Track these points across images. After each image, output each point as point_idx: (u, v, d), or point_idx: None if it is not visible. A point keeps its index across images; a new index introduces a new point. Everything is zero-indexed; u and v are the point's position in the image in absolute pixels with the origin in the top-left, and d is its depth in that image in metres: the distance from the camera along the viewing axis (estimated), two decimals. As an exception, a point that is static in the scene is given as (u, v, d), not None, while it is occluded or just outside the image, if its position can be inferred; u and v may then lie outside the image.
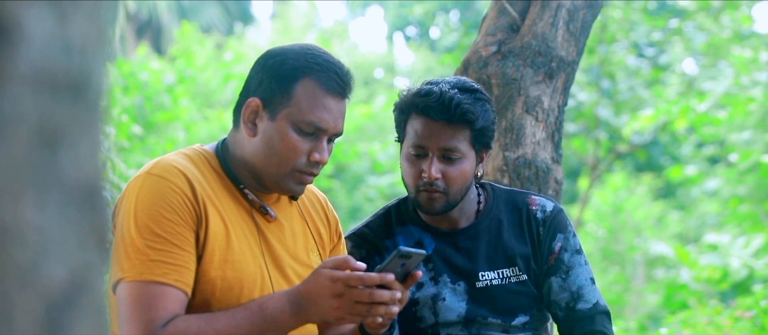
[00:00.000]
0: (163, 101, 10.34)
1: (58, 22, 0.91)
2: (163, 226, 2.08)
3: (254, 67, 2.25)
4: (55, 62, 0.90)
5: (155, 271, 2.07)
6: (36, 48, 0.89)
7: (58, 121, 0.90)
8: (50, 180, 0.90)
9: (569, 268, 2.55)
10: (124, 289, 2.07)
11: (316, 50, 2.24)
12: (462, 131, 2.44)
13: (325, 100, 2.18)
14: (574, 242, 2.57)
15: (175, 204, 2.10)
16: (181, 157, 2.21)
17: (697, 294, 9.51)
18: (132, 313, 2.05)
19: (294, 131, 2.17)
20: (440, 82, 2.49)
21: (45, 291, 0.89)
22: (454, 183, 2.46)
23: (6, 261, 0.87)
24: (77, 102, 0.92)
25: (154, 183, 2.11)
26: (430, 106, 2.43)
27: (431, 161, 2.44)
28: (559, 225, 2.57)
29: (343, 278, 2.05)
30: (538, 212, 2.58)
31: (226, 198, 2.21)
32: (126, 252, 2.08)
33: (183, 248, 2.10)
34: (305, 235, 2.35)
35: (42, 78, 0.89)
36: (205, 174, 2.20)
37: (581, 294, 2.55)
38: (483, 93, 2.51)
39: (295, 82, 2.17)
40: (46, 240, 0.89)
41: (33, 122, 0.89)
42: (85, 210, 0.93)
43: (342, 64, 2.24)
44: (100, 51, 0.94)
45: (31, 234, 0.88)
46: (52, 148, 0.90)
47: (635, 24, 9.91)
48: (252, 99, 2.20)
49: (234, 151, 2.24)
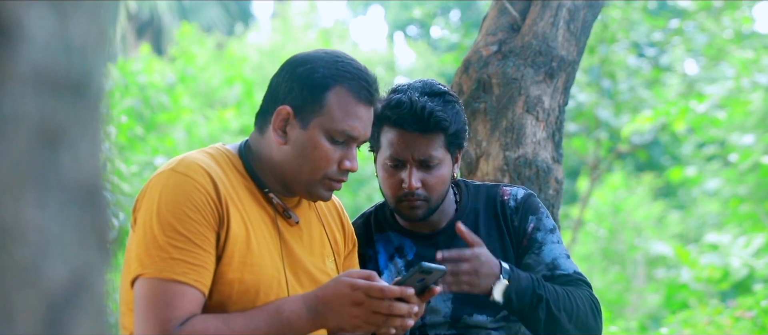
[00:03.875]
0: (162, 101, 10.33)
1: (59, 22, 0.91)
2: (185, 225, 2.08)
3: (281, 74, 2.24)
4: (56, 62, 0.90)
5: (175, 270, 2.07)
6: (36, 48, 0.89)
7: (59, 121, 0.90)
8: (51, 180, 0.90)
9: (542, 244, 2.55)
10: (143, 285, 2.07)
11: (345, 58, 2.24)
12: (437, 138, 2.44)
13: (356, 108, 2.19)
14: (546, 222, 2.57)
15: (199, 204, 2.10)
16: (205, 155, 2.20)
17: (698, 294, 9.52)
18: (149, 310, 2.06)
19: (326, 139, 2.18)
20: (408, 89, 2.48)
21: (45, 290, 0.89)
22: (434, 190, 2.47)
23: (6, 261, 0.87)
24: (78, 102, 0.92)
25: (179, 180, 2.11)
26: (403, 118, 2.42)
27: (410, 171, 2.44)
28: (531, 208, 2.58)
29: (364, 287, 2.07)
30: (511, 201, 2.59)
31: (249, 200, 2.21)
32: (147, 248, 2.08)
33: (204, 248, 2.10)
34: (322, 241, 2.36)
35: (42, 78, 0.89)
36: (228, 174, 2.20)
37: (557, 264, 2.54)
38: (451, 93, 2.50)
39: (327, 90, 2.18)
40: (46, 239, 0.89)
41: (33, 122, 0.89)
42: (86, 209, 0.93)
43: (369, 71, 2.24)
44: (101, 51, 0.94)
45: (31, 233, 0.88)
46: (52, 148, 0.90)
47: (635, 24, 9.90)
48: (282, 107, 2.19)
49: (259, 154, 2.24)
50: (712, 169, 12.22)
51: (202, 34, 15.43)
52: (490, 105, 3.26)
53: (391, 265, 2.59)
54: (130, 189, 7.36)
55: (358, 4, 20.20)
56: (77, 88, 0.92)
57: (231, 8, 20.98)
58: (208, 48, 13.86)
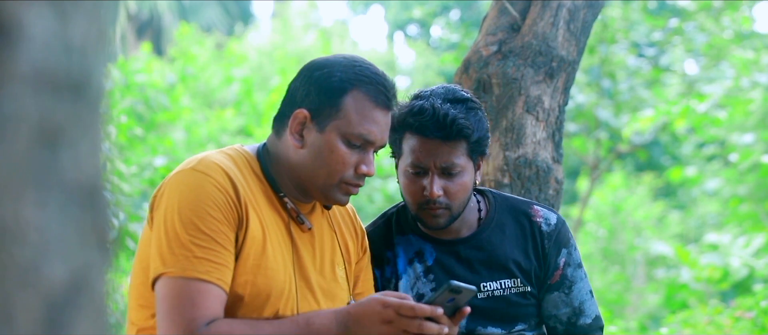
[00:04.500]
0: (161, 101, 10.33)
1: (59, 22, 0.90)
2: (207, 224, 2.08)
3: (299, 78, 2.25)
4: (56, 62, 0.90)
5: (199, 268, 2.06)
6: (36, 48, 0.89)
7: (59, 121, 0.90)
8: (51, 180, 0.90)
9: (572, 283, 2.57)
10: (166, 285, 2.07)
11: (363, 62, 2.24)
12: (459, 146, 2.42)
13: (373, 112, 2.19)
14: (575, 256, 2.59)
15: (220, 203, 2.10)
16: (225, 157, 2.20)
17: (698, 294, 9.52)
18: (174, 310, 2.05)
19: (343, 143, 2.18)
20: (430, 95, 2.45)
21: (45, 290, 0.89)
22: (456, 198, 2.45)
23: (6, 261, 0.87)
24: (77, 102, 0.92)
25: (200, 179, 2.11)
26: (425, 125, 2.40)
27: (432, 179, 2.42)
28: (563, 240, 2.57)
29: (395, 305, 2.07)
30: (543, 225, 2.57)
31: (265, 203, 2.21)
32: (169, 246, 2.08)
33: (225, 247, 2.10)
34: (333, 248, 2.35)
35: (42, 78, 0.89)
36: (246, 177, 2.20)
37: (582, 309, 2.57)
38: (474, 100, 2.48)
39: (344, 94, 2.18)
40: (46, 239, 0.89)
41: (33, 122, 0.89)
42: (86, 209, 0.93)
43: (387, 76, 2.24)
44: (101, 51, 0.94)
45: (31, 233, 0.88)
46: (52, 148, 0.90)
47: (635, 24, 9.90)
48: (299, 110, 2.20)
49: (276, 158, 2.24)
50: (712, 169, 12.22)
51: (202, 34, 15.43)
52: (490, 105, 3.26)
53: (410, 270, 2.56)
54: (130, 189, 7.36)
55: (358, 3, 20.19)
56: (77, 88, 0.92)
57: (231, 8, 20.97)
58: (208, 48, 13.85)
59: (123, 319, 5.51)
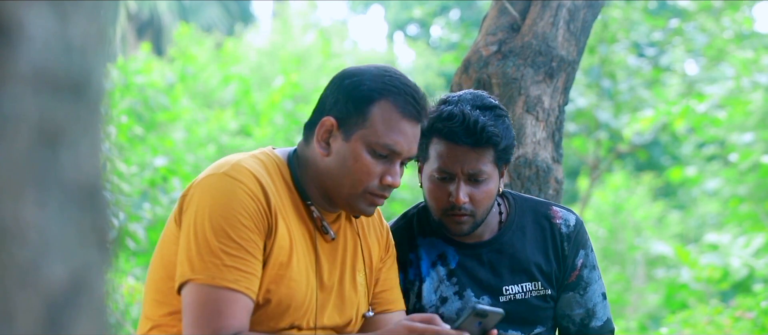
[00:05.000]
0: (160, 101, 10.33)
1: (59, 22, 0.90)
2: (238, 232, 2.07)
3: (330, 86, 2.24)
4: (56, 62, 0.90)
5: (228, 277, 2.05)
6: (36, 48, 0.89)
7: (59, 121, 0.90)
8: (50, 180, 0.90)
9: (587, 285, 2.58)
10: (194, 291, 2.06)
11: (393, 72, 2.22)
12: (487, 153, 2.41)
13: (400, 123, 2.17)
14: (592, 257, 2.60)
15: (251, 211, 2.09)
16: (256, 162, 2.19)
17: (698, 294, 9.52)
18: (201, 318, 2.05)
19: (368, 153, 2.17)
20: (459, 100, 2.44)
21: (45, 290, 0.89)
22: (480, 205, 2.44)
23: (6, 261, 0.87)
24: (77, 102, 0.92)
25: (232, 186, 2.10)
26: (454, 131, 2.38)
27: (458, 185, 2.41)
28: (582, 241, 2.59)
29: (421, 330, 2.06)
30: (563, 226, 2.58)
31: (293, 212, 2.20)
32: (199, 252, 2.07)
33: (255, 256, 2.10)
34: (356, 255, 2.34)
35: (42, 78, 0.89)
36: (276, 184, 2.19)
37: (595, 311, 2.59)
38: (501, 108, 2.47)
39: (372, 103, 2.17)
40: (46, 239, 0.89)
41: (33, 122, 0.89)
42: (86, 209, 0.93)
43: (418, 88, 2.22)
44: (101, 51, 0.94)
45: (31, 233, 0.88)
46: (52, 148, 0.90)
47: (635, 24, 9.90)
48: (327, 118, 2.19)
49: (305, 165, 2.23)
50: (712, 169, 12.22)
51: (202, 34, 15.42)
52: (490, 105, 3.26)
53: (433, 273, 2.55)
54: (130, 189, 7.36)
55: (358, 3, 20.19)
56: (77, 88, 0.92)
57: (231, 8, 20.97)
58: (207, 48, 13.85)
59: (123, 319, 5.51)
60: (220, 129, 11.40)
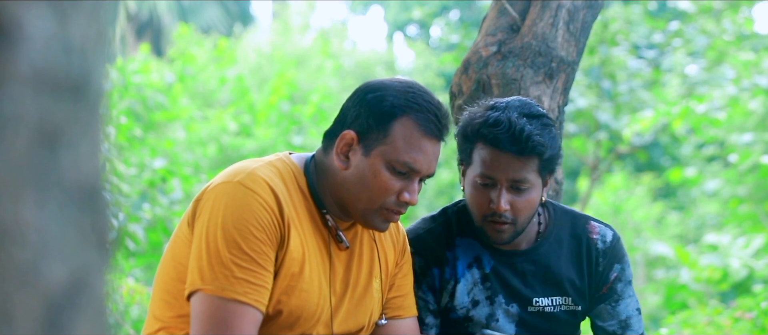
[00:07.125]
0: (159, 101, 10.33)
1: (59, 22, 0.90)
2: (250, 244, 2.07)
3: (352, 99, 2.23)
4: (55, 62, 0.90)
5: (237, 289, 2.05)
6: (36, 48, 0.89)
7: (58, 121, 0.90)
8: (50, 180, 0.90)
9: (619, 298, 2.58)
10: (202, 301, 2.06)
11: (417, 88, 2.20)
12: (531, 162, 2.38)
13: (421, 141, 2.16)
14: (628, 273, 2.60)
15: (264, 222, 2.08)
16: (271, 170, 2.17)
17: (697, 295, 9.52)
18: (208, 329, 2.04)
19: (387, 169, 2.15)
20: (506, 107, 2.40)
21: (45, 291, 0.89)
22: (521, 214, 2.41)
23: (6, 261, 0.87)
24: (77, 102, 0.92)
25: (245, 195, 2.09)
26: (500, 138, 2.35)
27: (500, 192, 2.38)
28: (618, 256, 2.58)
29: None
30: (599, 242, 2.57)
31: (307, 221, 2.19)
32: (210, 262, 2.06)
33: (266, 268, 2.09)
34: (371, 261, 2.33)
35: (42, 78, 0.89)
36: (291, 192, 2.18)
37: (629, 324, 2.59)
38: (548, 117, 2.45)
39: (393, 120, 2.15)
40: (46, 240, 0.89)
41: (33, 122, 0.89)
42: (85, 210, 0.93)
43: (441, 105, 2.21)
44: (101, 51, 0.94)
45: (31, 234, 0.88)
46: (52, 148, 0.90)
47: (635, 25, 9.90)
48: (347, 131, 2.18)
49: (323, 173, 2.22)
50: (712, 170, 12.22)
51: (201, 34, 15.41)
52: (489, 105, 3.26)
53: (468, 274, 2.54)
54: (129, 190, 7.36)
55: (358, 4, 20.19)
56: (77, 88, 0.92)
57: (231, 9, 20.97)
58: (207, 49, 13.84)
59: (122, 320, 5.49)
60: (221, 129, 11.39)
